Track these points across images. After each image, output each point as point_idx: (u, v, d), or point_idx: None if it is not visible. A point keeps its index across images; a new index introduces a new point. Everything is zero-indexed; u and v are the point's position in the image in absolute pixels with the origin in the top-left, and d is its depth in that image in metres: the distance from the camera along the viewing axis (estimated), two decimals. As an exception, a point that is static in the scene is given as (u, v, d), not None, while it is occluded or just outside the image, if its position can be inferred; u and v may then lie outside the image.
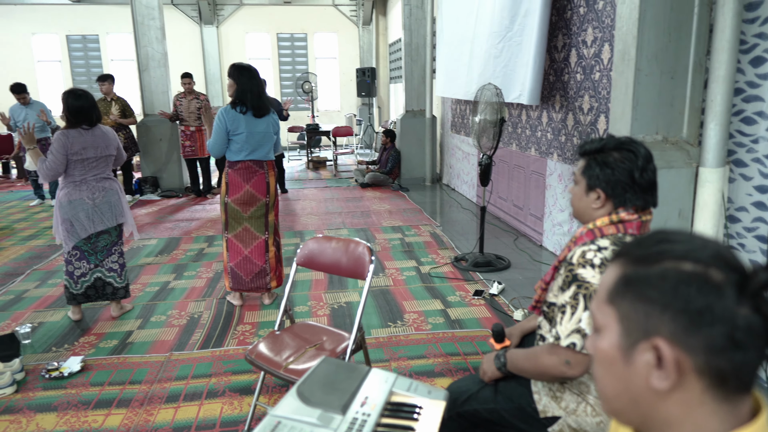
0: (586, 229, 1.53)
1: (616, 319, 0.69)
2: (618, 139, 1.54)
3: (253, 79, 3.53)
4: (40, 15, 12.85)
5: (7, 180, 9.92)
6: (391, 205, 7.06)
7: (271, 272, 3.76)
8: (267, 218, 3.72)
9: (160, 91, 8.15)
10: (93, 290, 3.57)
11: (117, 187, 3.59)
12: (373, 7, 13.17)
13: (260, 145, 3.60)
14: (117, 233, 3.61)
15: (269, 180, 3.68)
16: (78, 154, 3.34)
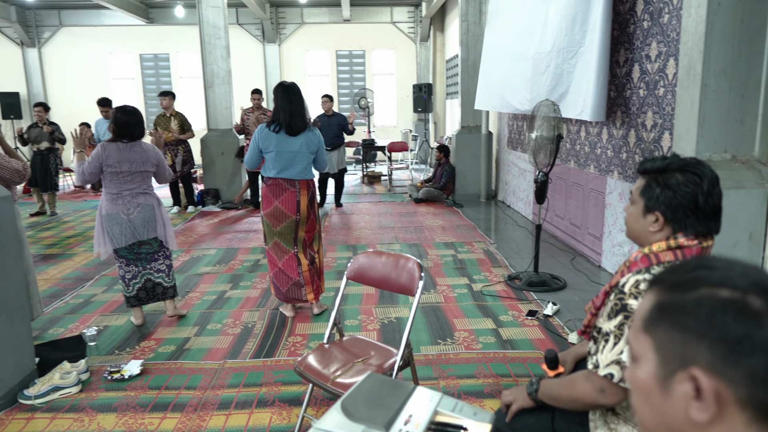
0: (642, 254, 1.45)
1: (653, 348, 0.66)
2: (683, 159, 1.44)
3: (286, 97, 3.62)
4: (117, 36, 13.71)
5: (82, 190, 10.55)
6: (445, 221, 7.02)
7: (307, 285, 3.80)
8: (296, 234, 3.76)
9: (223, 107, 8.49)
10: (144, 292, 3.73)
11: (154, 202, 3.66)
12: (431, 24, 13.27)
13: (291, 164, 3.65)
14: (158, 243, 3.73)
15: (300, 199, 3.70)
16: (113, 166, 3.48)
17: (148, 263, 3.71)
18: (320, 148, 3.76)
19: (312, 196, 3.77)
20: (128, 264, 3.69)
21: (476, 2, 8.20)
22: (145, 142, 3.63)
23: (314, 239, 3.89)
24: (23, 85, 13.72)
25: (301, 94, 3.71)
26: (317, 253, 3.93)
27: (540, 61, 5.28)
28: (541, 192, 4.33)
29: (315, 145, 3.70)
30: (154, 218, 3.64)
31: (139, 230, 3.59)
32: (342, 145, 7.99)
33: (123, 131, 3.53)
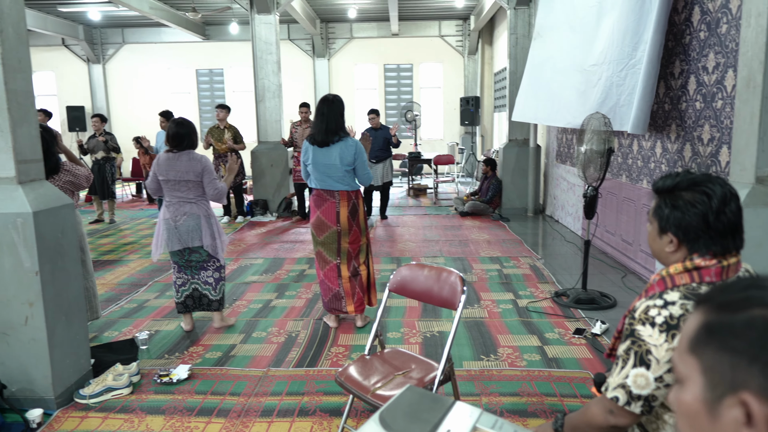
0: (659, 276, 1.40)
1: (699, 371, 0.64)
2: (692, 176, 1.39)
3: (320, 109, 3.70)
4: (175, 52, 14.32)
5: (139, 199, 11.01)
6: (490, 235, 6.93)
7: (347, 296, 3.82)
8: (339, 245, 3.79)
9: (273, 120, 8.71)
10: (191, 300, 3.84)
11: (201, 212, 3.72)
12: (480, 37, 13.23)
13: (327, 176, 3.72)
14: (207, 253, 3.81)
15: (339, 210, 3.73)
16: (162, 175, 3.67)
17: (197, 272, 3.82)
18: (357, 161, 3.72)
19: (354, 208, 3.79)
20: (179, 270, 3.82)
21: (525, 15, 8.13)
22: (195, 154, 3.72)
23: (360, 251, 3.89)
24: (88, 99, 14.50)
25: (339, 106, 3.74)
26: (363, 265, 3.92)
27: (593, 73, 5.17)
28: (591, 207, 4.22)
29: (350, 157, 3.69)
30: (200, 228, 3.72)
31: (184, 237, 3.70)
32: (388, 158, 8.03)
33: (172, 141, 3.70)
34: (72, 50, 14.39)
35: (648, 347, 1.30)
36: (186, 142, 3.70)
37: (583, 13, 5.69)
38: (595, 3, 5.32)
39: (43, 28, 12.16)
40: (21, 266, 2.70)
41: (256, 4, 8.34)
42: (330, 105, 3.71)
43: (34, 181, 2.83)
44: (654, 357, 1.29)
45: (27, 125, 2.78)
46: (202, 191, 3.73)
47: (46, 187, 2.88)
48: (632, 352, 1.33)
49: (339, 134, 3.70)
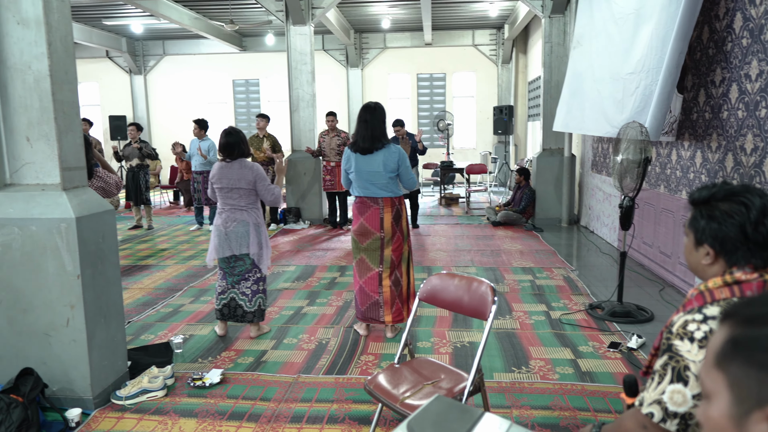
0: (697, 291, 1.35)
1: (726, 386, 0.62)
2: (730, 187, 1.34)
3: (362, 117, 3.73)
4: (213, 63, 14.69)
5: (176, 206, 11.29)
6: (523, 246, 6.84)
7: (385, 306, 3.80)
8: (382, 252, 3.79)
9: (307, 129, 8.82)
10: (227, 309, 3.90)
11: (251, 220, 3.80)
12: (514, 46, 13.15)
13: (371, 183, 3.73)
14: (251, 262, 3.87)
15: (383, 216, 3.74)
16: (216, 183, 3.80)
17: (238, 282, 3.87)
18: (401, 166, 3.74)
19: (397, 214, 3.79)
20: (223, 277, 3.89)
21: (560, 23, 8.05)
22: (247, 162, 3.83)
23: (402, 259, 3.87)
24: (130, 109, 14.98)
25: (381, 113, 3.76)
26: (405, 275, 3.90)
27: (630, 81, 5.08)
28: (627, 218, 4.13)
29: (394, 163, 3.71)
30: (248, 235, 3.79)
31: (233, 244, 3.78)
32: (415, 166, 8.03)
33: (224, 150, 3.81)
34: (115, 62, 14.91)
35: (686, 363, 1.26)
36: (237, 151, 3.80)
37: (622, 20, 5.60)
38: (633, 10, 5.24)
39: (88, 41, 12.65)
40: (64, 270, 2.80)
41: (292, 15, 8.50)
42: (373, 112, 3.73)
43: (78, 187, 2.93)
44: (692, 373, 1.25)
45: (72, 134, 2.89)
46: (253, 199, 3.82)
47: (88, 194, 2.99)
48: (669, 368, 1.29)
49: (382, 141, 3.72)
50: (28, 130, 2.78)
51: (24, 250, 2.80)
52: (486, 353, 3.56)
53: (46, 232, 2.77)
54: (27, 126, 2.78)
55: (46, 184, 2.82)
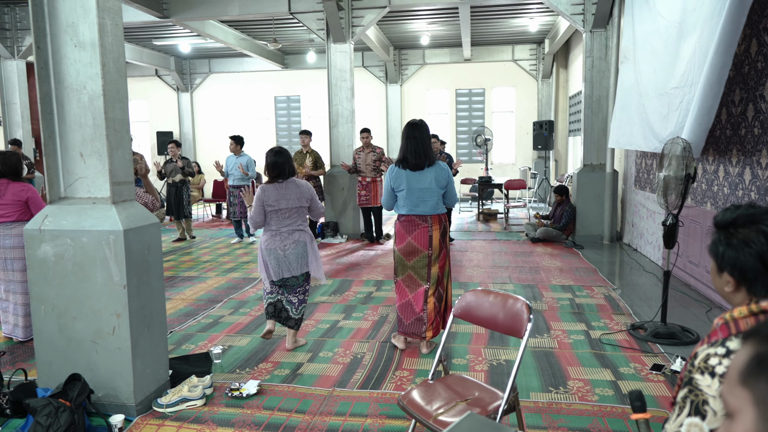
0: (722, 320, 1.30)
1: (752, 402, 0.62)
2: (752, 211, 1.28)
3: (409, 133, 3.73)
4: (256, 80, 15.09)
5: (218, 219, 11.58)
6: (563, 263, 6.72)
7: (428, 322, 3.79)
8: (429, 269, 3.78)
9: (346, 145, 8.95)
10: (272, 308, 3.94)
11: (307, 239, 3.90)
12: (554, 61, 13.03)
13: (422, 201, 3.72)
14: (304, 277, 3.95)
15: (432, 233, 3.74)
16: (272, 205, 3.78)
17: (288, 292, 3.95)
18: (450, 183, 3.78)
19: (444, 231, 3.81)
20: (272, 285, 3.95)
21: (602, 38, 7.95)
22: (299, 180, 3.89)
23: (444, 274, 3.88)
24: (176, 125, 15.52)
25: (427, 129, 3.79)
26: (446, 291, 3.91)
27: (674, 96, 4.97)
28: (671, 235, 4.02)
29: (444, 179, 3.74)
30: (307, 254, 3.87)
31: (293, 265, 3.83)
32: None
33: (275, 171, 3.83)
34: (164, 80, 15.50)
35: (705, 397, 1.22)
36: (289, 170, 3.84)
37: (666, 34, 5.49)
38: (676, 24, 5.13)
39: (139, 60, 13.22)
40: (111, 280, 2.91)
41: (333, 34, 8.67)
42: (420, 129, 3.75)
43: (126, 201, 3.06)
44: (711, 408, 1.21)
45: (122, 150, 3.03)
46: (306, 216, 3.91)
47: (135, 207, 3.11)
48: (688, 401, 1.25)
49: (431, 157, 3.75)
50: (81, 147, 2.93)
51: (75, 261, 2.93)
52: (522, 372, 3.51)
53: (96, 244, 2.90)
54: (81, 142, 2.93)
55: (97, 198, 2.95)
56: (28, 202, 4.16)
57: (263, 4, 8.89)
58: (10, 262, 4.17)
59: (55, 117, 2.94)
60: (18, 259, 4.13)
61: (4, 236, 4.15)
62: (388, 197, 3.85)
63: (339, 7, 8.43)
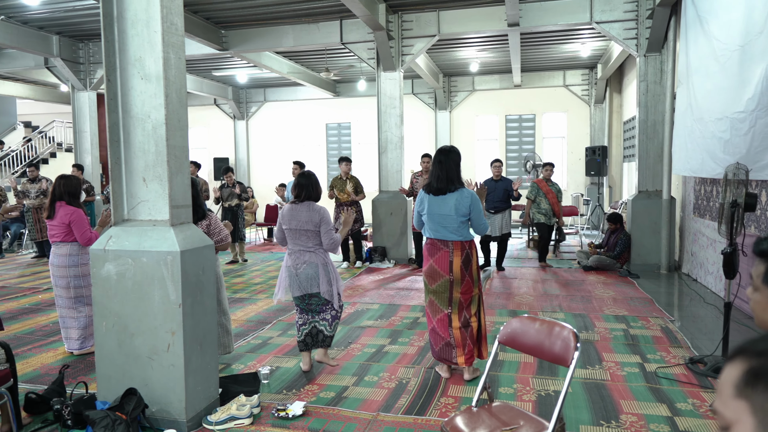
0: None
1: (750, 412, 0.68)
2: None
3: (436, 158, 3.80)
4: (309, 108, 15.55)
5: (269, 243, 11.86)
6: (617, 292, 6.50)
7: (458, 347, 3.75)
8: (451, 294, 3.78)
9: (394, 170, 9.05)
10: (310, 337, 4.02)
11: (319, 261, 3.92)
12: (607, 86, 12.81)
13: (442, 226, 3.75)
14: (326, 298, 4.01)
15: (453, 259, 3.74)
16: (285, 224, 3.96)
17: (317, 314, 4.02)
18: (474, 211, 3.74)
19: (467, 258, 3.77)
20: (301, 312, 4.06)
21: (657, 62, 7.78)
22: (315, 205, 3.96)
23: (472, 302, 3.85)
24: (232, 151, 16.12)
25: (456, 156, 3.82)
26: (474, 317, 3.87)
27: (740, 121, 4.79)
28: (730, 265, 3.84)
29: (466, 207, 3.72)
30: (317, 276, 3.92)
31: (303, 284, 3.94)
32: (507, 209, 7.94)
33: (296, 192, 4.02)
34: (221, 108, 16.19)
35: None
36: (305, 193, 3.97)
37: (723, 58, 5.34)
38: (737, 47, 4.98)
39: (199, 90, 13.89)
40: (167, 298, 3.05)
41: (383, 62, 8.87)
42: (447, 154, 3.81)
43: (183, 223, 3.21)
44: None
45: (181, 175, 3.20)
46: (320, 240, 3.93)
47: (192, 230, 3.26)
48: None
49: (455, 184, 3.78)
50: (144, 172, 3.11)
51: (135, 280, 3.09)
52: (572, 404, 3.41)
53: (154, 264, 3.05)
54: (144, 168, 3.11)
55: (157, 220, 3.12)
56: (70, 225, 4.43)
57: (316, 35, 9.23)
58: (55, 279, 4.48)
59: (121, 144, 3.14)
60: (62, 276, 4.44)
61: (54, 255, 4.49)
62: (417, 219, 3.98)
63: (389, 37, 8.63)
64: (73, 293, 4.45)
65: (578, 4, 8.06)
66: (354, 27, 9.02)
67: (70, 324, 4.48)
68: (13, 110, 17.31)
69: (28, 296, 6.73)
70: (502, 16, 8.29)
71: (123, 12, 3.07)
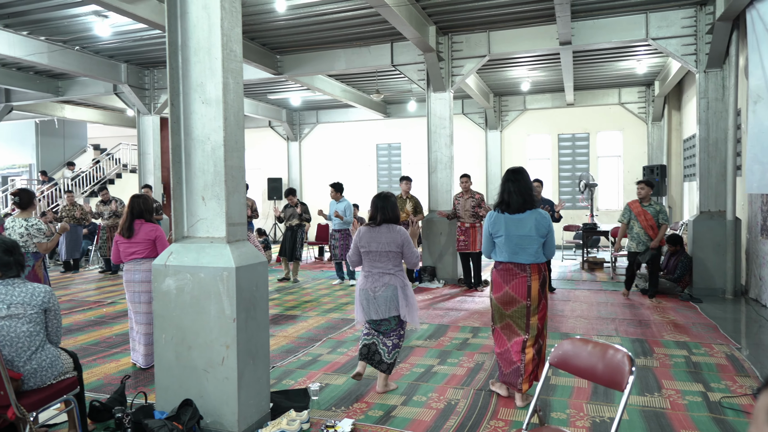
0: None
1: None
2: None
3: (510, 176, 3.71)
4: (359, 129, 15.82)
5: (320, 261, 12.03)
6: (678, 317, 6.22)
7: (525, 374, 3.63)
8: (528, 319, 3.65)
9: (444, 190, 9.05)
10: (366, 349, 4.01)
11: (398, 283, 3.92)
12: (666, 103, 12.41)
13: (521, 248, 3.61)
14: (396, 321, 3.99)
15: (531, 284, 3.61)
16: (364, 247, 3.93)
17: (383, 335, 4.02)
18: (550, 232, 3.66)
19: (543, 281, 3.68)
20: (370, 328, 4.06)
21: (718, 78, 7.51)
22: (394, 226, 3.95)
23: (544, 326, 3.75)
24: (285, 172, 16.55)
25: (527, 176, 3.76)
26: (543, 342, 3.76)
27: None
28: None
29: (545, 228, 3.63)
30: (396, 298, 3.91)
31: (381, 308, 3.90)
32: None
33: (372, 214, 4.02)
34: (275, 130, 16.70)
35: None
36: (382, 216, 3.93)
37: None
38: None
39: (255, 113, 14.40)
40: (223, 313, 3.16)
41: (433, 83, 8.95)
42: (519, 173, 3.73)
43: (239, 240, 3.33)
44: None
45: (237, 194, 3.33)
46: (399, 261, 3.92)
47: (247, 246, 3.37)
48: None
49: (532, 202, 3.69)
50: (203, 191, 3.26)
51: (193, 294, 3.22)
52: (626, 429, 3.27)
53: (211, 279, 3.17)
54: (203, 187, 3.26)
55: (214, 237, 3.24)
56: (156, 240, 4.64)
57: (367, 58, 9.42)
58: (137, 295, 4.64)
59: (183, 165, 3.30)
60: (144, 292, 4.59)
61: (134, 271, 4.64)
62: (487, 243, 3.80)
63: (439, 58, 8.71)
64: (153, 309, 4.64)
65: (633, 21, 7.91)
66: (404, 49, 9.16)
67: (142, 340, 4.63)
68: (84, 134, 18.50)
69: (94, 309, 7.08)
70: (553, 34, 8.23)
71: (186, 41, 3.25)
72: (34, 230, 4.79)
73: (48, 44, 8.90)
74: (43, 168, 16.39)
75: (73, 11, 7.67)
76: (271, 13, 7.75)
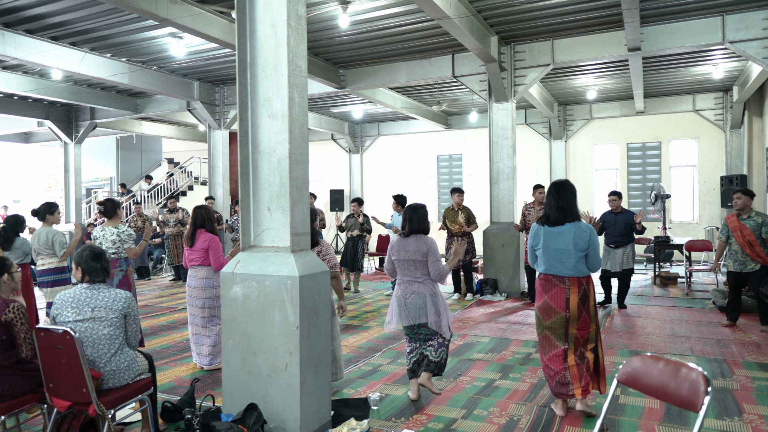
0: None
1: None
2: None
3: (551, 190, 3.72)
4: (420, 140, 15.88)
5: (381, 272, 12.10)
6: (761, 337, 5.81)
7: (574, 381, 3.58)
8: (567, 330, 3.64)
9: (506, 201, 8.90)
10: (417, 365, 4.04)
11: (427, 292, 3.96)
12: (745, 109, 11.70)
13: (558, 262, 3.63)
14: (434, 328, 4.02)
15: (569, 296, 3.60)
16: (395, 255, 4.06)
17: (425, 342, 4.05)
18: (591, 246, 3.62)
19: (584, 294, 3.63)
20: (410, 341, 4.13)
21: (805, 81, 7.01)
22: (423, 236, 4.04)
23: (588, 339, 3.68)
24: (347, 183, 16.82)
25: (572, 188, 3.74)
26: (590, 352, 3.69)
27: None
28: None
29: (584, 242, 3.61)
30: (425, 306, 3.97)
31: (412, 314, 4.00)
32: (629, 244, 7.44)
33: (403, 225, 4.12)
34: (338, 143, 17.02)
35: None
36: (413, 226, 4.05)
37: None
38: None
39: (318, 126, 14.75)
40: (287, 320, 3.24)
41: (495, 94, 8.86)
42: (563, 186, 3.76)
43: (302, 250, 3.42)
44: None
45: (301, 205, 3.42)
46: (427, 270, 3.99)
47: (310, 256, 3.46)
48: None
49: (573, 215, 3.68)
50: (269, 202, 3.38)
51: (258, 302, 3.33)
52: (706, 457, 3.08)
53: (276, 287, 3.26)
54: (269, 198, 3.38)
55: (279, 247, 3.35)
56: (208, 249, 4.86)
57: (428, 69, 9.47)
58: (193, 299, 4.92)
59: (250, 177, 3.44)
60: (198, 297, 4.90)
61: (192, 277, 4.93)
62: (531, 254, 3.91)
63: (501, 68, 8.63)
64: (207, 312, 4.88)
65: (708, 24, 7.54)
66: (466, 60, 9.14)
67: (202, 341, 4.90)
68: (159, 148, 19.61)
69: (166, 315, 7.44)
70: (621, 41, 7.97)
71: (255, 58, 3.40)
72: (125, 236, 5.11)
73: (129, 65, 9.52)
74: (123, 181, 17.45)
75: (151, 33, 8.17)
76: (335, 29, 7.95)
